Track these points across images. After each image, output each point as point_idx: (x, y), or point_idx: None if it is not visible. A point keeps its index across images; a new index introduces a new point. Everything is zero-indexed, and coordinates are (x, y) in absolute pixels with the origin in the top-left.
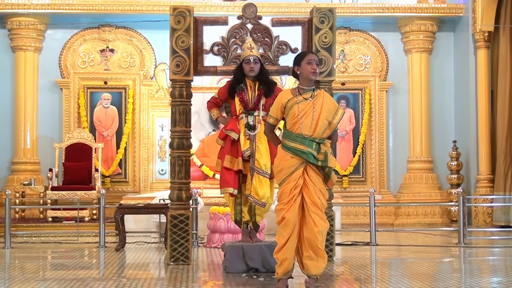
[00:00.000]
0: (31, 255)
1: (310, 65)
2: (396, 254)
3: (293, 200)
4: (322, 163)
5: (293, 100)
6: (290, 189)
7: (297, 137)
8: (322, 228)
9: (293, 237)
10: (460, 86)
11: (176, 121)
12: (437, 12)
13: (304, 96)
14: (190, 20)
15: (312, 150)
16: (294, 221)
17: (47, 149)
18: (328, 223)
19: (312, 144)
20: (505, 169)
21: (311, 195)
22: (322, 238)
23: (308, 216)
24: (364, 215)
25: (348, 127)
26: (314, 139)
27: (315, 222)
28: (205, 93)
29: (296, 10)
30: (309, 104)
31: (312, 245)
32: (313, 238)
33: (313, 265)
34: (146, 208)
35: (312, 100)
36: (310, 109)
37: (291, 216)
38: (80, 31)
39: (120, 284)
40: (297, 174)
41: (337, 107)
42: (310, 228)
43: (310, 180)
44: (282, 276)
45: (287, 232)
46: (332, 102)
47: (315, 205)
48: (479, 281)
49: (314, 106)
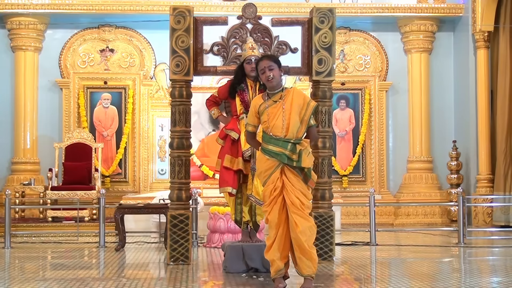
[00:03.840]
0: (31, 255)
1: (264, 74)
2: (396, 254)
3: (274, 201)
4: (297, 164)
5: (264, 105)
6: (270, 191)
7: (271, 139)
8: (304, 228)
9: (279, 238)
10: (460, 86)
11: (176, 121)
12: (437, 12)
13: (273, 99)
14: (190, 20)
15: (286, 151)
16: (276, 222)
17: (47, 149)
18: (313, 222)
19: (287, 145)
20: (505, 169)
21: (290, 196)
22: (306, 238)
23: (290, 216)
24: (364, 215)
25: (348, 127)
26: (289, 140)
27: (296, 222)
28: (205, 93)
29: (296, 10)
30: (278, 106)
31: (298, 245)
32: (297, 238)
33: (304, 266)
34: (146, 208)
35: (281, 101)
36: (279, 111)
37: (273, 218)
38: (80, 31)
39: (120, 284)
40: (275, 176)
41: (307, 101)
42: (293, 228)
43: (288, 181)
44: (275, 276)
45: (273, 233)
46: (301, 98)
47: (294, 205)
48: (479, 281)
49: (284, 106)
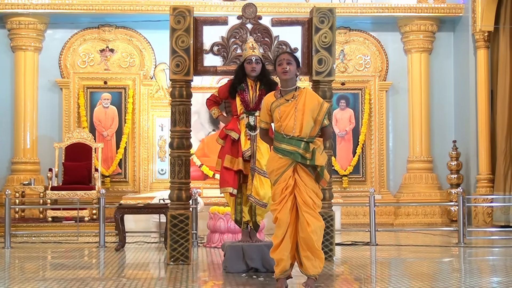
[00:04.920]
0: (31, 255)
1: (280, 66)
2: (396, 254)
3: (284, 200)
4: (310, 162)
5: (276, 103)
6: (282, 190)
7: (284, 137)
8: (316, 227)
9: (287, 237)
10: (460, 86)
11: (176, 121)
12: (437, 12)
13: (285, 98)
14: (190, 20)
15: (299, 149)
16: (286, 221)
17: (47, 149)
18: (323, 222)
19: (300, 144)
20: (505, 169)
21: (302, 195)
22: (317, 237)
23: (301, 216)
24: (364, 215)
25: (348, 127)
26: (302, 139)
27: (308, 221)
28: (205, 93)
29: (296, 10)
30: (291, 105)
31: (308, 244)
32: (308, 237)
33: (311, 265)
34: (146, 208)
35: (294, 101)
36: (292, 110)
37: (283, 217)
38: (80, 31)
39: (120, 284)
40: (287, 174)
41: (321, 103)
42: (304, 227)
43: (301, 180)
44: (280, 276)
45: (281, 232)
46: (315, 99)
47: (306, 204)
48: (479, 281)
49: (296, 106)
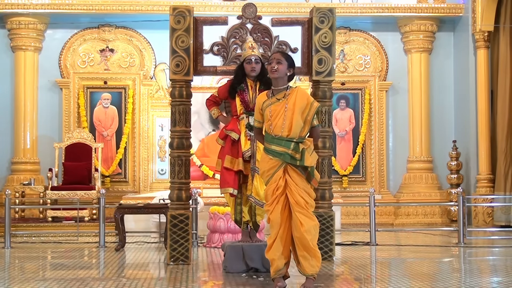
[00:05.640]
0: (31, 255)
1: (270, 65)
2: (396, 254)
3: (276, 201)
4: (299, 163)
5: (267, 102)
6: (273, 190)
7: (274, 138)
8: (309, 227)
9: (280, 237)
10: (460, 86)
11: (176, 121)
12: (437, 12)
13: (277, 97)
14: (190, 20)
15: (289, 150)
16: (278, 221)
17: (47, 149)
18: (317, 221)
19: (290, 144)
20: (505, 169)
21: (294, 195)
22: (311, 236)
23: (294, 216)
24: (364, 215)
25: (348, 127)
26: (292, 139)
27: (301, 221)
28: (205, 93)
29: (296, 10)
30: (281, 104)
31: (303, 244)
32: (302, 237)
33: (308, 265)
34: (146, 208)
35: (284, 100)
36: (282, 109)
37: (275, 217)
38: (80, 31)
39: (120, 284)
40: (278, 175)
41: (310, 102)
42: (297, 227)
43: (292, 180)
44: (275, 275)
45: (274, 233)
46: (305, 98)
47: (298, 204)
48: (479, 281)
49: (287, 105)
